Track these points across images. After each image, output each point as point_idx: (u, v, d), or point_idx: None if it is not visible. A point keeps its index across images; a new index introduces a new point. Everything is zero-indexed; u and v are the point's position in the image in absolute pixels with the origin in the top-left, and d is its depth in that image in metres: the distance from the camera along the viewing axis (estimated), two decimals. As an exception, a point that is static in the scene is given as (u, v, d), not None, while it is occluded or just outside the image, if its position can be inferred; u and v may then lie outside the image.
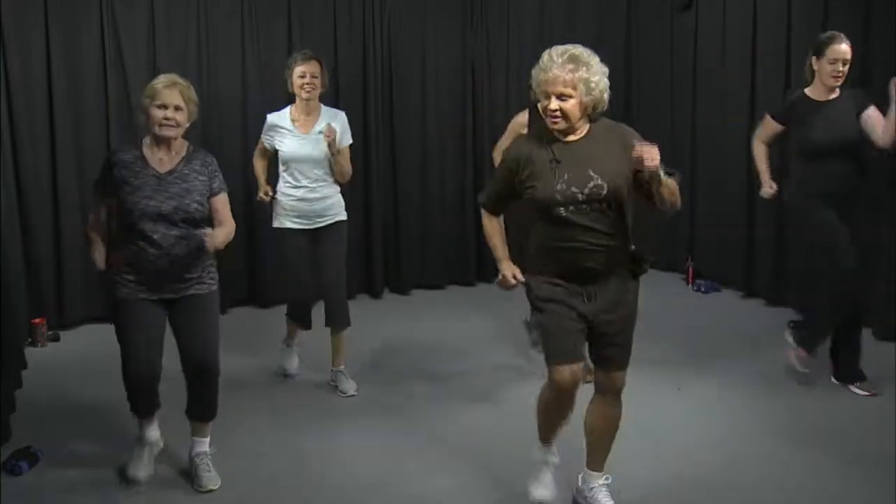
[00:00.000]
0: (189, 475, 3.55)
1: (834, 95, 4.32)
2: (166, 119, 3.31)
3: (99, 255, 3.45)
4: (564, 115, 2.89)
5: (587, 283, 2.97)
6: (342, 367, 4.58)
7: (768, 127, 4.58)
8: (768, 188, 4.60)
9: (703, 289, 6.48)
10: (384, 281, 6.65)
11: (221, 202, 3.48)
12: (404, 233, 6.67)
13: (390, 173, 6.63)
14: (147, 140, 3.40)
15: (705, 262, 6.65)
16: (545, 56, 2.95)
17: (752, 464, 3.65)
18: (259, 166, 4.63)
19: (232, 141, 6.02)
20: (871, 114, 4.25)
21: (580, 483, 3.30)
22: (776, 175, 4.67)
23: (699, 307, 5.60)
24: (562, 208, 2.90)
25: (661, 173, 2.84)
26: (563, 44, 3.01)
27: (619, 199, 2.92)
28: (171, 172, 3.35)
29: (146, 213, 3.25)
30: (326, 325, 4.55)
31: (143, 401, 3.50)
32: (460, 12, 6.69)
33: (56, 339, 5.51)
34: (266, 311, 6.16)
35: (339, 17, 6.31)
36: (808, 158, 4.34)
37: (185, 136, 3.48)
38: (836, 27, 5.43)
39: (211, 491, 3.46)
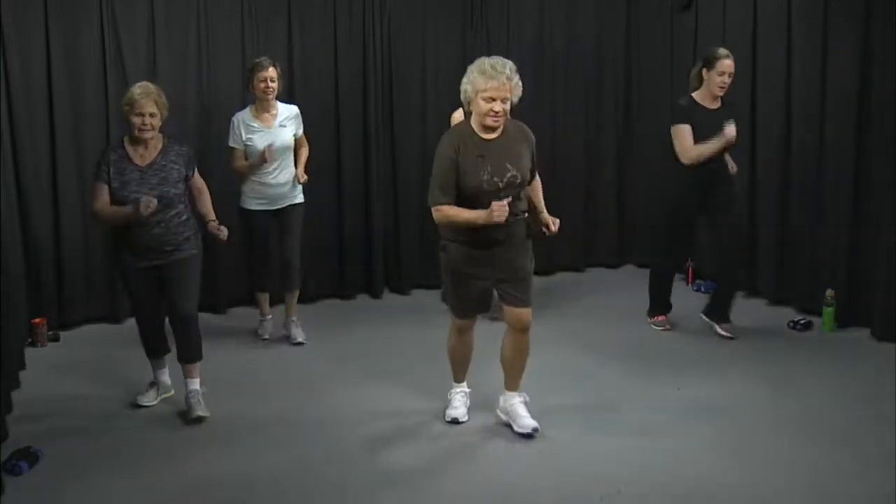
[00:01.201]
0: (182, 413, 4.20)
1: (716, 105, 5.14)
2: (143, 125, 4.04)
3: (126, 209, 4.01)
4: (504, 115, 3.66)
5: (494, 247, 3.76)
6: (294, 318, 5.45)
7: (686, 132, 5.10)
8: (731, 128, 5.02)
9: (703, 289, 6.48)
10: (384, 281, 6.65)
11: (197, 178, 4.33)
12: (404, 233, 6.67)
13: (390, 173, 6.63)
14: (128, 138, 4.14)
15: (705, 262, 6.64)
16: (487, 66, 3.60)
17: (753, 464, 3.65)
18: (244, 162, 5.25)
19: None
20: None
21: (501, 402, 4.09)
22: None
23: (699, 307, 5.60)
24: (485, 195, 3.64)
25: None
26: (563, 44, 3.25)
27: (525, 184, 3.80)
28: (151, 165, 4.11)
29: (133, 202, 3.98)
30: (283, 290, 5.44)
31: (153, 340, 4.36)
32: (460, 12, 6.68)
33: (56, 339, 5.51)
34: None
35: (339, 17, 6.31)
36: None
37: (186, 131, 3.77)
38: (836, 27, 5.47)
39: (203, 418, 4.14)
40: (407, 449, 3.88)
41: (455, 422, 4.09)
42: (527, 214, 3.87)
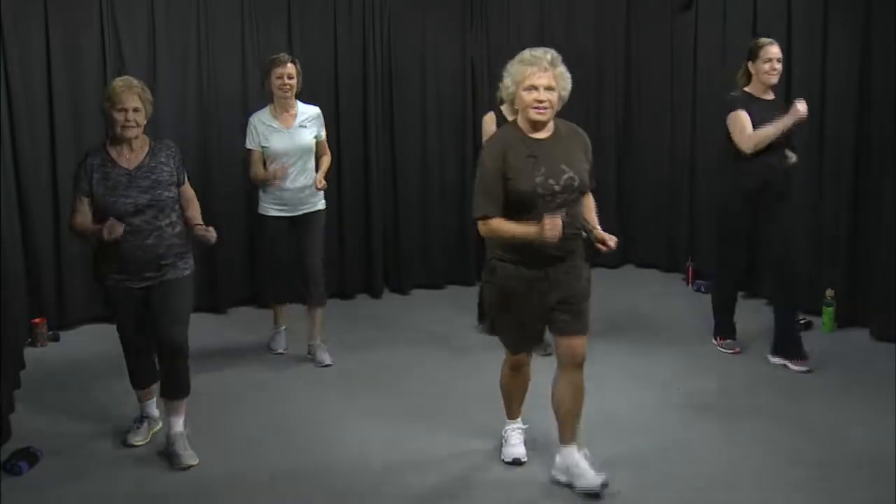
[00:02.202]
0: (166, 455, 3.76)
1: (770, 97, 4.78)
2: (127, 121, 3.60)
3: (93, 226, 3.60)
4: (550, 105, 3.24)
5: (548, 266, 3.27)
6: (318, 341, 5.03)
7: (744, 119, 4.66)
8: (800, 108, 4.60)
9: (703, 289, 6.47)
10: (384, 281, 6.65)
11: (188, 187, 3.86)
12: (404, 233, 6.67)
13: (390, 173, 6.63)
14: (111, 140, 3.70)
15: (705, 262, 6.64)
16: (527, 54, 3.26)
17: (753, 464, 3.65)
18: (261, 171, 4.86)
19: (231, 141, 6.01)
20: None
21: (558, 460, 3.49)
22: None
23: (699, 307, 5.60)
24: (539, 199, 3.20)
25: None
26: (563, 44, 3.15)
27: (584, 191, 3.35)
28: (139, 167, 3.67)
29: (123, 211, 3.57)
30: (306, 304, 5.03)
31: (145, 371, 3.89)
32: (460, 12, 6.68)
33: (56, 339, 5.51)
34: (266, 311, 6.15)
35: (339, 17, 6.31)
36: (751, 154, 4.64)
37: (186, 131, 3.62)
38: (836, 27, 5.47)
39: (191, 467, 3.66)
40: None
41: (517, 462, 3.64)
42: (584, 233, 3.34)
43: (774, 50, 4.69)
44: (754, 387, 4.54)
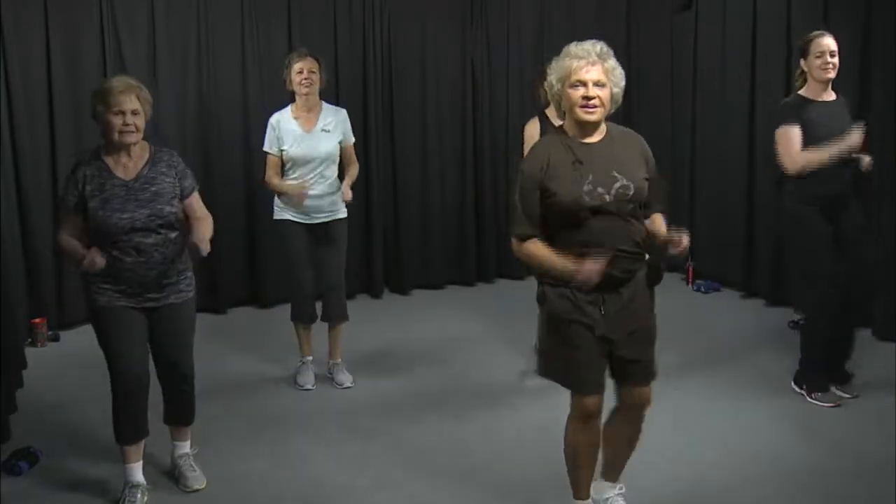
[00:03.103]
0: (174, 477, 3.56)
1: (830, 97, 4.20)
2: (125, 125, 3.18)
3: (78, 248, 3.19)
4: (601, 103, 2.82)
5: (605, 291, 2.81)
6: (339, 360, 4.69)
7: (794, 135, 4.09)
8: (856, 136, 4.05)
9: (703, 289, 6.48)
10: (384, 281, 6.65)
11: (196, 201, 3.38)
12: (404, 233, 6.67)
13: (390, 173, 6.63)
14: (107, 147, 3.26)
15: (705, 262, 6.65)
16: (574, 48, 2.87)
17: (754, 464, 3.65)
18: (278, 179, 4.49)
19: (232, 141, 6.03)
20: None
21: (592, 493, 3.15)
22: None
23: (699, 307, 5.60)
24: (588, 210, 2.78)
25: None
26: (563, 44, 2.98)
27: (642, 201, 2.88)
28: (137, 178, 3.24)
29: (120, 227, 3.16)
30: (324, 320, 4.64)
31: (132, 413, 3.36)
32: (460, 12, 6.69)
33: (56, 339, 5.51)
34: (266, 311, 6.17)
35: (339, 17, 6.31)
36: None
37: (186, 131, 3.52)
38: (836, 27, 5.44)
39: (198, 490, 3.48)
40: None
41: None
42: (647, 255, 2.90)
43: (826, 42, 4.06)
44: (751, 387, 4.52)
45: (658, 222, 2.97)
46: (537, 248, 2.84)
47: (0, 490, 3.43)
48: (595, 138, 2.88)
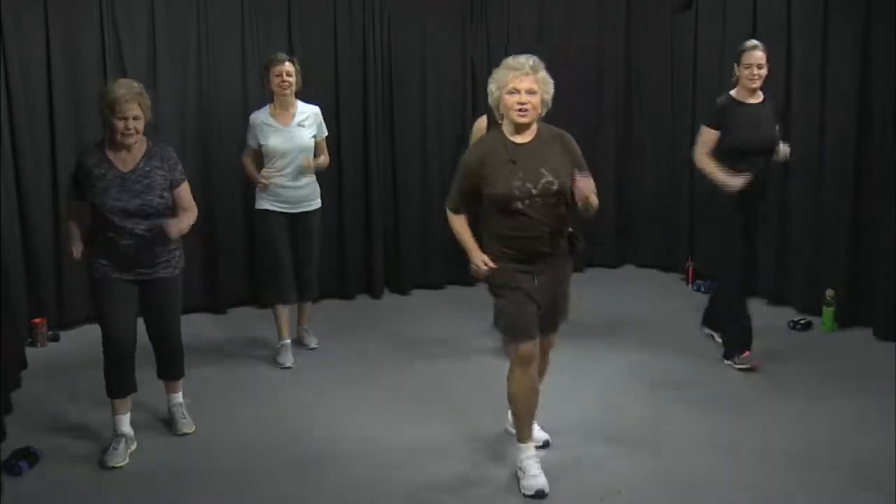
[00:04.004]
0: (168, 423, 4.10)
1: (758, 99, 4.76)
2: (127, 129, 3.65)
3: (76, 247, 3.80)
4: (532, 108, 3.36)
5: (536, 263, 3.44)
6: (307, 326, 5.33)
7: (708, 137, 4.75)
8: (737, 180, 4.57)
9: (703, 289, 6.48)
10: (384, 281, 6.65)
11: (184, 191, 3.86)
12: (404, 233, 6.67)
13: (390, 173, 6.63)
14: (109, 142, 3.74)
15: (705, 262, 6.65)
16: (511, 61, 3.40)
17: (752, 464, 3.65)
18: (251, 166, 5.04)
19: (232, 141, 6.01)
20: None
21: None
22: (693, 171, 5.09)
23: (699, 307, 5.59)
24: (518, 202, 3.35)
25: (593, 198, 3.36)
26: (563, 44, 3.15)
27: (565, 193, 3.40)
28: (133, 171, 3.72)
29: (114, 211, 3.66)
30: (298, 299, 5.18)
31: (121, 373, 3.84)
32: (460, 12, 6.68)
33: (56, 339, 5.51)
34: (266, 311, 6.14)
35: (339, 17, 6.31)
36: (737, 156, 4.64)
37: (186, 131, 3.66)
38: (836, 27, 5.47)
39: (187, 434, 4.00)
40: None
41: (541, 495, 3.39)
42: (571, 229, 3.51)
43: (756, 55, 4.67)
44: (752, 386, 4.53)
45: (577, 181, 3.34)
46: (461, 226, 3.58)
47: (0, 490, 3.43)
48: (527, 138, 3.44)
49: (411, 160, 6.64)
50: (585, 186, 3.30)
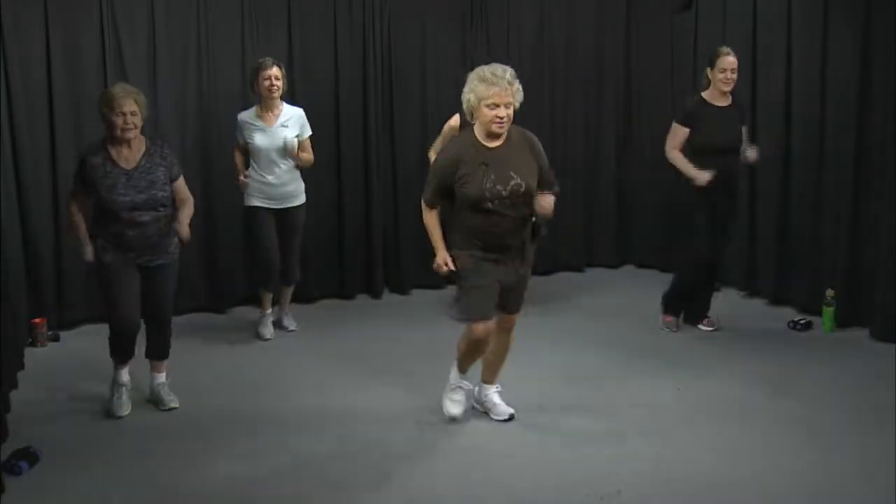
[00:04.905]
0: (153, 402, 4.36)
1: (726, 102, 5.17)
2: (126, 124, 3.97)
3: (88, 249, 4.11)
4: (508, 120, 3.68)
5: (502, 252, 3.78)
6: (286, 311, 5.69)
7: (679, 133, 5.19)
8: (705, 174, 5.03)
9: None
10: (384, 281, 6.65)
11: (181, 184, 4.25)
12: (404, 233, 6.66)
13: (390, 173, 6.63)
14: (110, 140, 4.05)
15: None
16: (488, 73, 3.68)
17: (752, 464, 3.65)
18: (239, 159, 5.41)
19: (232, 141, 5.99)
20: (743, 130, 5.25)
21: (477, 393, 4.18)
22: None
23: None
24: (489, 202, 3.67)
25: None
26: (563, 44, 3.22)
27: (532, 193, 3.72)
28: (136, 168, 4.06)
29: (122, 207, 3.99)
30: (281, 281, 5.53)
31: (125, 346, 4.24)
32: (460, 12, 6.68)
33: (56, 339, 5.51)
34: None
35: (339, 17, 6.31)
36: (704, 154, 5.07)
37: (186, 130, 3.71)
38: (836, 27, 5.47)
39: (174, 409, 4.29)
40: (404, 449, 3.87)
41: (453, 420, 4.09)
42: (534, 219, 3.84)
43: (730, 60, 5.07)
44: (753, 386, 4.53)
45: (538, 199, 3.73)
46: (432, 221, 3.86)
47: (1, 490, 3.43)
48: (498, 143, 3.75)
49: (411, 160, 6.64)
50: (546, 206, 3.69)
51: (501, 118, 3.65)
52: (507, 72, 3.68)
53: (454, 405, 4.11)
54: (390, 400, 4.43)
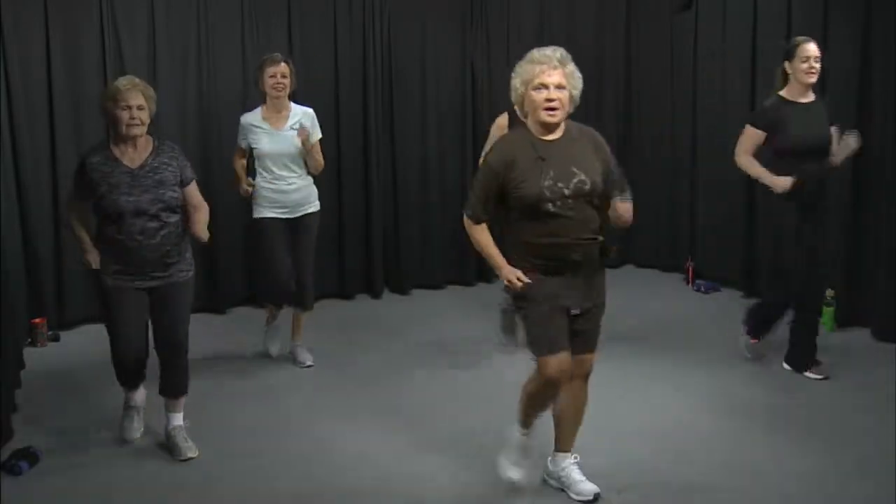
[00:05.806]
0: (167, 448, 3.82)
1: (809, 99, 4.52)
2: (132, 118, 3.56)
3: (91, 254, 3.72)
4: (562, 105, 3.09)
5: (568, 274, 3.13)
6: (299, 342, 5.03)
7: (753, 137, 4.57)
8: (785, 180, 4.42)
9: (703, 289, 6.48)
10: (384, 281, 6.65)
11: (194, 189, 3.78)
12: (404, 233, 6.67)
13: (390, 173, 6.63)
14: (114, 139, 3.66)
15: (705, 262, 6.65)
16: (536, 54, 3.13)
17: (753, 464, 3.65)
18: (238, 166, 4.92)
19: (232, 141, 5.95)
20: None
21: (550, 465, 3.43)
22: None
23: (699, 307, 5.60)
24: (549, 203, 3.06)
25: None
26: (563, 44, 3.13)
27: (598, 194, 3.13)
28: (142, 167, 3.63)
29: (126, 210, 3.55)
30: (293, 305, 4.98)
31: (132, 378, 3.87)
32: (460, 12, 6.68)
33: (56, 339, 5.51)
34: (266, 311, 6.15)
35: (339, 17, 6.31)
36: (787, 157, 4.46)
37: (186, 131, 3.60)
38: (836, 27, 5.47)
39: (190, 459, 3.72)
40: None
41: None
42: (601, 237, 3.19)
43: (811, 47, 4.44)
44: (753, 386, 4.53)
45: (615, 206, 3.17)
46: (484, 236, 3.23)
47: (0, 490, 3.43)
48: (556, 136, 3.15)
49: (411, 160, 6.64)
50: (624, 214, 3.15)
51: (552, 101, 3.05)
52: (558, 51, 3.12)
53: (516, 468, 3.35)
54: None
